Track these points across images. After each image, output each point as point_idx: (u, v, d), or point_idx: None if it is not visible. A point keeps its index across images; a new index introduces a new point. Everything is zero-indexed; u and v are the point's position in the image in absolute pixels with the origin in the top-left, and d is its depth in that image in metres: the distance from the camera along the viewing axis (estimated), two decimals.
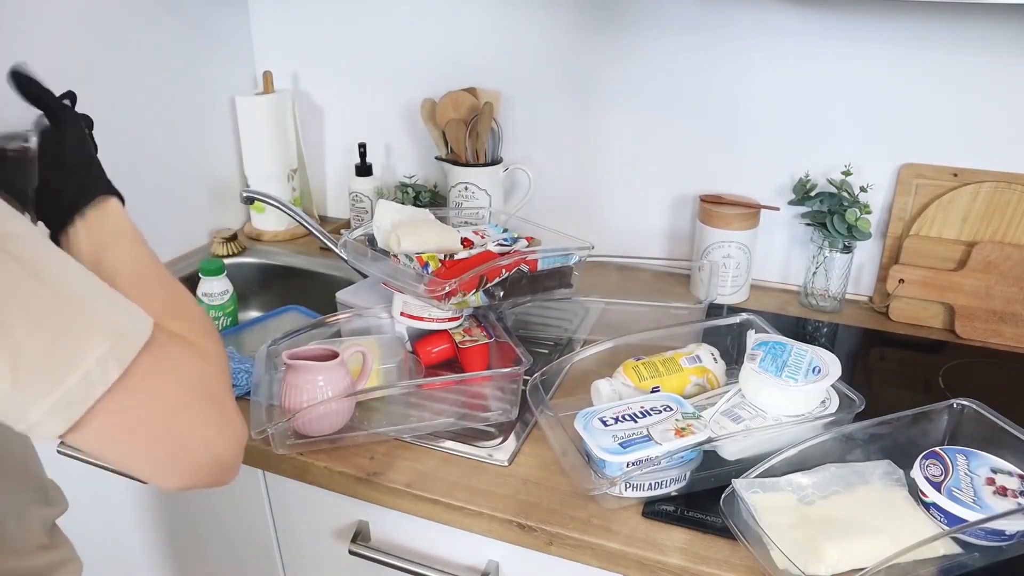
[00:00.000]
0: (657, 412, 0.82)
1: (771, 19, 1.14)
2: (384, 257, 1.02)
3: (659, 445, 0.77)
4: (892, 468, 0.80)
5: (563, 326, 1.17)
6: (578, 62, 1.28)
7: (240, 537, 1.06)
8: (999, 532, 0.71)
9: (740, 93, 1.21)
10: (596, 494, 0.80)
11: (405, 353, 1.01)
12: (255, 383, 0.92)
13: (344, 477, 0.87)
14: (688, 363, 0.95)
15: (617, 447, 0.77)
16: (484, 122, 1.28)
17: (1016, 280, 1.10)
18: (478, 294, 0.97)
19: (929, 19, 1.07)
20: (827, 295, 1.20)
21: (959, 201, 1.12)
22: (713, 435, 0.80)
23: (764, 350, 0.87)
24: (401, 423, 0.92)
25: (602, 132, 1.32)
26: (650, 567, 0.75)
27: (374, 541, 0.93)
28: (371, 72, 1.43)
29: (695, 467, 0.81)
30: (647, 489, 0.79)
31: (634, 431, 0.79)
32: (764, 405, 0.85)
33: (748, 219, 1.20)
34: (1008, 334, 1.11)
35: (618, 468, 0.77)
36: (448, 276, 0.94)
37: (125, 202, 0.66)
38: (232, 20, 1.44)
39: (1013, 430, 0.79)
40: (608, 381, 0.93)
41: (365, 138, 1.41)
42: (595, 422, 0.81)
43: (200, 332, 0.56)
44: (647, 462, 0.77)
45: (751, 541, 0.72)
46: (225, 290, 1.19)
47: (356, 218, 1.44)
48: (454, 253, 1.00)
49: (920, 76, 1.11)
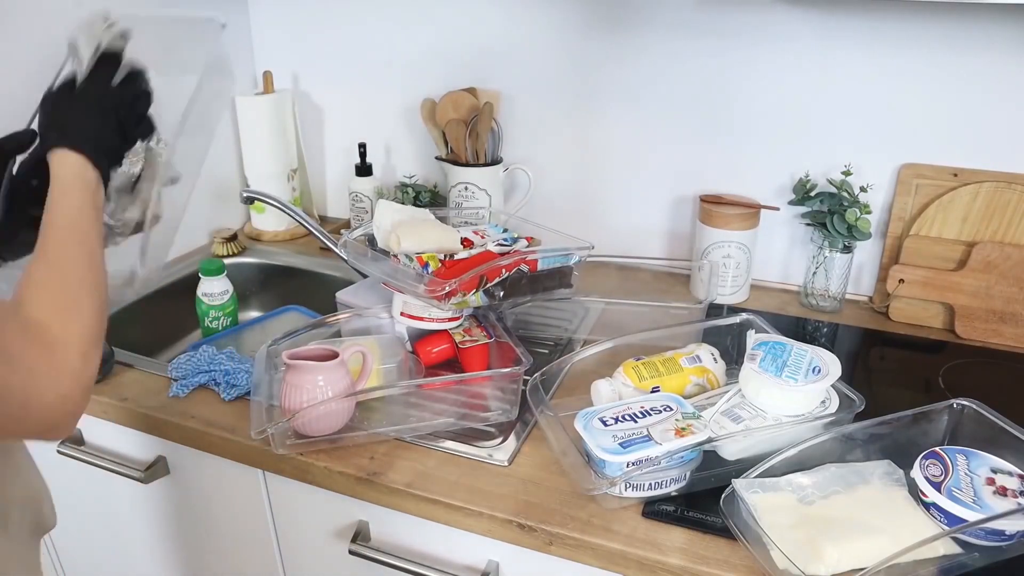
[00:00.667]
0: (657, 412, 0.82)
1: (771, 20, 1.14)
2: (384, 257, 1.02)
3: (659, 445, 0.77)
4: (892, 468, 0.80)
5: (563, 326, 1.17)
6: (578, 62, 1.28)
7: (240, 537, 1.06)
8: (999, 532, 0.71)
9: (740, 93, 1.21)
10: (596, 494, 0.79)
11: (405, 353, 1.01)
12: (255, 383, 0.92)
13: (344, 477, 0.87)
14: (688, 363, 0.95)
15: (617, 447, 0.77)
16: (484, 122, 1.28)
17: (1016, 280, 1.10)
18: (478, 294, 0.97)
19: (929, 19, 1.07)
20: (827, 295, 1.20)
21: (959, 201, 1.12)
22: (713, 435, 0.80)
23: (764, 350, 0.87)
24: (401, 423, 0.92)
25: (602, 132, 1.32)
26: (650, 567, 0.75)
27: (374, 541, 0.93)
28: (371, 72, 1.43)
29: (695, 467, 0.81)
30: (647, 489, 0.79)
31: (634, 431, 0.79)
32: (764, 405, 0.85)
33: (748, 219, 1.20)
34: (1008, 334, 1.11)
35: (618, 468, 0.77)
36: (448, 276, 0.94)
37: (102, 169, 0.69)
38: (232, 20, 1.44)
39: (1013, 430, 0.79)
40: (608, 381, 0.93)
41: (365, 138, 1.41)
42: (595, 422, 0.81)
43: (59, 311, 0.60)
44: (647, 462, 0.77)
45: (751, 541, 0.72)
46: (225, 290, 1.19)
47: (356, 218, 1.44)
48: (454, 253, 1.00)
49: (920, 76, 1.11)
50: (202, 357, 1.04)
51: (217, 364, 1.02)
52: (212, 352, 1.04)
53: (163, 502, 1.10)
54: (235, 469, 0.96)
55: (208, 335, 1.20)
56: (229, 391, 0.98)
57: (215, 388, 1.00)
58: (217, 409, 0.97)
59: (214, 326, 1.20)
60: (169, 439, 0.98)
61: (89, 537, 1.20)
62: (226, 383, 0.99)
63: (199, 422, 0.95)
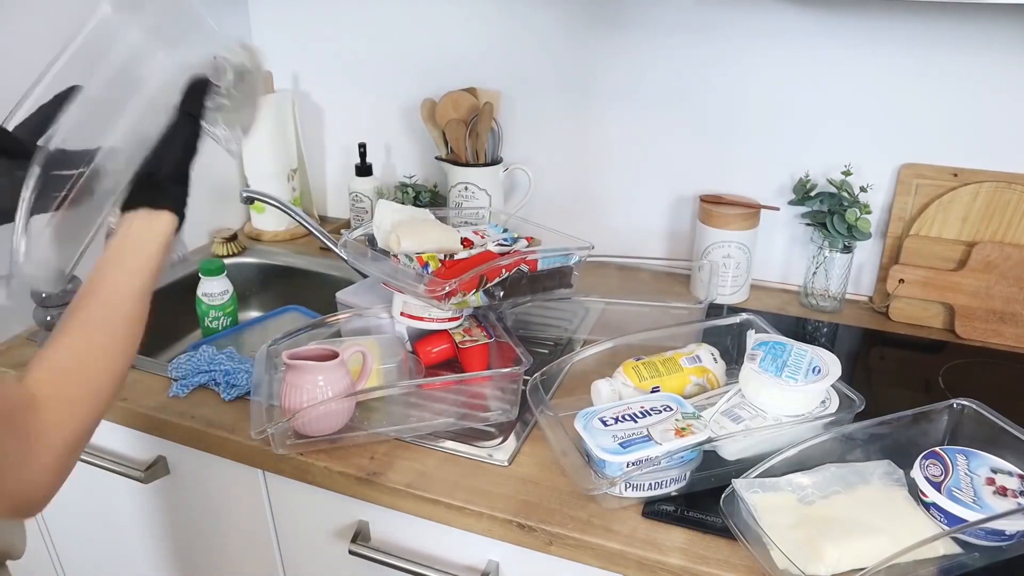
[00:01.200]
0: (657, 412, 0.82)
1: (771, 19, 1.14)
2: (384, 257, 1.02)
3: (659, 445, 0.77)
4: (892, 468, 0.80)
5: (563, 326, 1.17)
6: (578, 62, 1.28)
7: (240, 537, 1.06)
8: (999, 532, 0.71)
9: (740, 93, 1.21)
10: (596, 494, 0.80)
11: (405, 353, 1.01)
12: (255, 383, 0.92)
13: (344, 477, 0.87)
14: (688, 363, 0.95)
15: (617, 447, 0.77)
16: (484, 122, 1.28)
17: (1016, 280, 1.10)
18: (478, 294, 0.97)
19: (929, 19, 1.07)
20: (827, 295, 1.20)
21: (959, 201, 1.12)
22: (713, 435, 0.80)
23: (764, 350, 0.87)
24: (401, 423, 0.92)
25: (602, 132, 1.32)
26: (650, 567, 0.75)
27: (374, 541, 0.93)
28: (371, 72, 1.43)
29: (695, 467, 0.81)
30: (647, 489, 0.79)
31: (634, 431, 0.79)
32: (764, 405, 0.85)
33: (748, 219, 1.20)
34: (1008, 334, 1.11)
35: (618, 468, 0.77)
36: (448, 276, 0.94)
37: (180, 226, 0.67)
38: (232, 20, 1.44)
39: (1013, 430, 0.79)
40: (608, 381, 0.93)
41: (365, 138, 1.41)
42: (595, 422, 0.81)
43: (61, 402, 0.56)
44: (647, 462, 0.77)
45: (751, 541, 0.72)
46: (225, 290, 1.19)
47: (356, 218, 1.44)
48: (454, 253, 1.00)
49: (920, 76, 1.11)
50: (202, 357, 1.04)
51: (217, 364, 1.02)
52: (212, 352, 1.04)
53: (163, 502, 1.10)
54: (235, 469, 0.96)
55: (208, 335, 1.20)
56: (229, 391, 0.98)
57: (215, 388, 1.00)
58: (217, 409, 0.97)
59: (214, 326, 1.20)
60: (169, 439, 0.98)
61: (89, 537, 1.20)
62: (226, 383, 0.99)
63: (199, 422, 0.95)
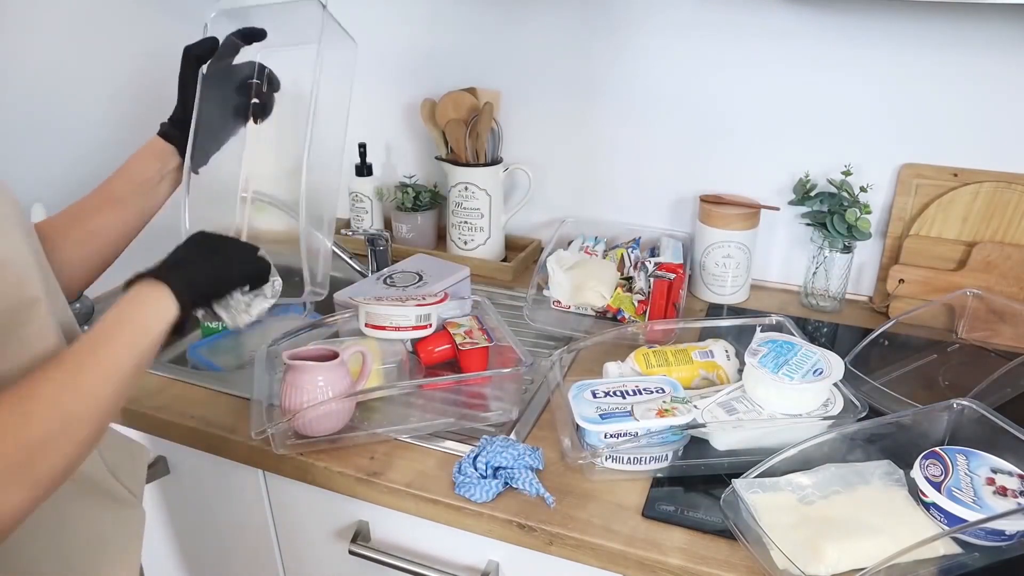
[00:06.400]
0: (648, 392, 0.86)
1: (771, 20, 1.14)
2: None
3: (636, 421, 0.80)
4: (892, 468, 0.80)
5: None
6: (578, 62, 1.28)
7: (240, 537, 1.06)
8: (999, 532, 0.71)
9: (740, 93, 1.21)
10: (582, 463, 0.82)
11: (405, 353, 1.01)
12: (255, 383, 0.92)
13: (344, 477, 0.87)
14: (700, 356, 0.95)
15: (596, 417, 0.81)
16: (484, 122, 1.28)
17: (1016, 280, 1.10)
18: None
19: (929, 19, 1.07)
20: (827, 295, 1.20)
21: (959, 201, 1.12)
22: (697, 420, 0.81)
23: (768, 347, 0.87)
24: (401, 423, 0.92)
25: (602, 131, 1.32)
26: (650, 567, 0.75)
27: (374, 541, 0.93)
28: (371, 72, 1.43)
29: (678, 449, 0.82)
30: (627, 463, 0.82)
31: (618, 406, 0.83)
32: (761, 401, 0.85)
33: (748, 219, 1.20)
34: (1008, 334, 1.11)
35: (596, 437, 0.80)
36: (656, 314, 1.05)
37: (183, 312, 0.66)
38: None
39: (1013, 430, 0.79)
40: (618, 364, 0.95)
41: (365, 138, 1.41)
42: (587, 393, 0.85)
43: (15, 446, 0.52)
44: (623, 436, 0.80)
45: (751, 541, 0.72)
46: None
47: (356, 218, 1.44)
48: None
49: (920, 76, 1.11)
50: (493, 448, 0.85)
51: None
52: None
53: (163, 502, 1.10)
54: (235, 469, 0.96)
55: (208, 335, 1.20)
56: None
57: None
58: (217, 409, 0.97)
59: (214, 326, 1.20)
60: (169, 439, 0.98)
61: None
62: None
63: (199, 422, 0.95)
